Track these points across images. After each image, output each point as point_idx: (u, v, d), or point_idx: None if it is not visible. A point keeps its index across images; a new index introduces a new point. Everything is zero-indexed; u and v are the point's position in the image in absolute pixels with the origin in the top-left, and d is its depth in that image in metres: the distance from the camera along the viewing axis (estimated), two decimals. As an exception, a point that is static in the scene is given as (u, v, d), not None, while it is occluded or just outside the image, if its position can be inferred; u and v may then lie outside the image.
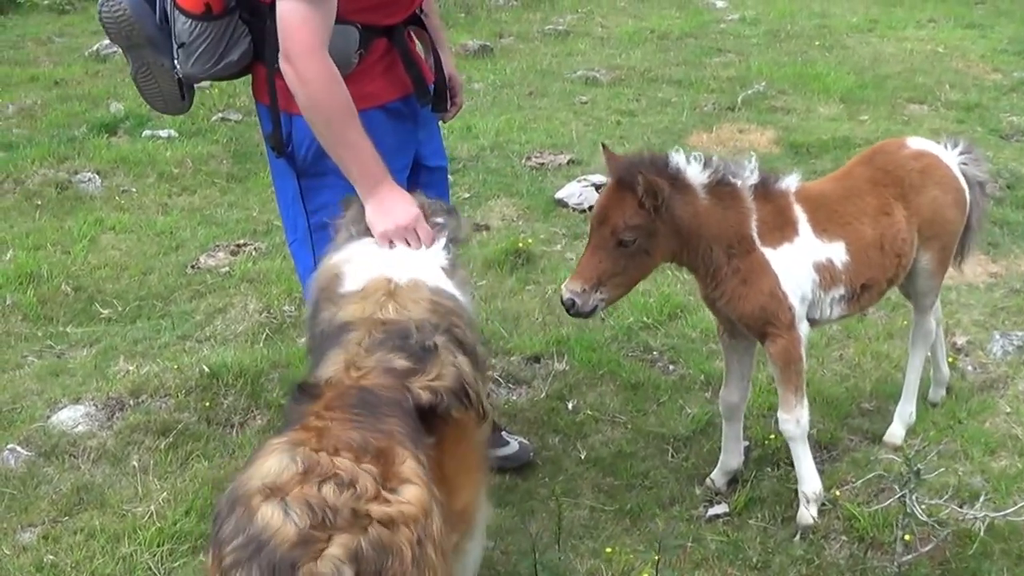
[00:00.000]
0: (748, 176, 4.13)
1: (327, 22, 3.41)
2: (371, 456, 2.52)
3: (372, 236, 3.50)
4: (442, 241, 3.49)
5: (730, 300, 4.13)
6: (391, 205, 3.50)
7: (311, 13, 3.35)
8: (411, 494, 2.49)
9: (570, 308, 3.96)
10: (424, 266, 3.33)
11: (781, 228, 4.17)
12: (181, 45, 3.64)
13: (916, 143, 4.65)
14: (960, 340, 5.75)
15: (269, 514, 2.32)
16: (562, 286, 4.00)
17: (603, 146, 4.13)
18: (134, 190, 7.90)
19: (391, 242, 3.47)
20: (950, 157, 4.63)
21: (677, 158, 4.03)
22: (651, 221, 3.90)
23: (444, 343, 3.05)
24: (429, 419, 2.90)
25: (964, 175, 4.61)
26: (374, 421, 2.69)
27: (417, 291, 3.18)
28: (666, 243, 4.00)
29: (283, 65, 3.43)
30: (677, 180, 3.97)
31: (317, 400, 2.78)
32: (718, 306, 4.24)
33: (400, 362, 2.93)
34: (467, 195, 7.58)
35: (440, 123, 4.34)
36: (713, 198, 4.03)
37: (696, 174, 4.02)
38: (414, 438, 2.74)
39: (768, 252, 4.11)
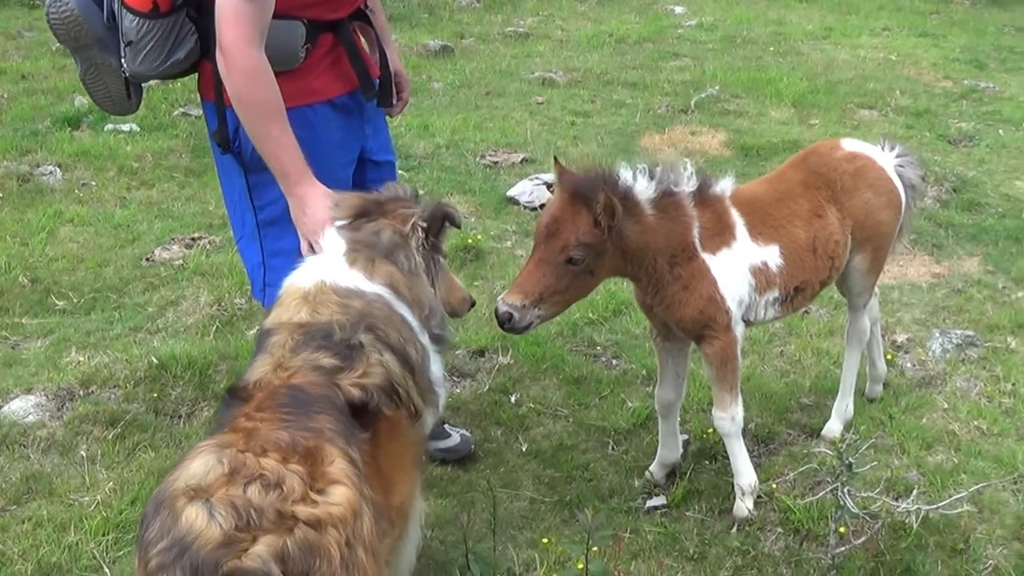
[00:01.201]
0: (687, 183, 4.13)
1: (262, 17, 3.43)
2: (299, 456, 2.52)
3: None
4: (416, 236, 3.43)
5: (670, 306, 4.13)
6: (309, 204, 3.53)
7: (245, 7, 3.37)
8: (339, 495, 2.48)
9: (505, 322, 3.87)
10: (327, 265, 3.29)
11: (720, 233, 4.19)
12: (129, 44, 3.65)
13: (850, 145, 4.66)
14: (901, 338, 5.83)
15: (193, 515, 2.31)
16: (499, 298, 3.92)
17: (555, 159, 4.05)
18: (94, 183, 7.90)
19: (310, 243, 3.51)
20: (885, 159, 4.65)
21: (625, 175, 3.99)
22: (602, 241, 3.85)
23: (370, 341, 3.06)
24: (362, 416, 2.91)
25: (900, 177, 4.65)
26: (305, 420, 2.69)
27: (323, 294, 3.17)
28: (612, 263, 3.97)
29: (217, 57, 3.46)
30: (627, 199, 3.92)
31: (247, 402, 2.78)
32: (656, 311, 4.25)
33: (327, 360, 2.95)
34: (422, 192, 7.59)
35: (388, 118, 4.36)
36: (658, 212, 4.02)
37: (643, 190, 3.99)
38: (346, 435, 2.74)
39: (708, 258, 4.13)
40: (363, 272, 3.25)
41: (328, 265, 3.29)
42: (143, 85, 3.97)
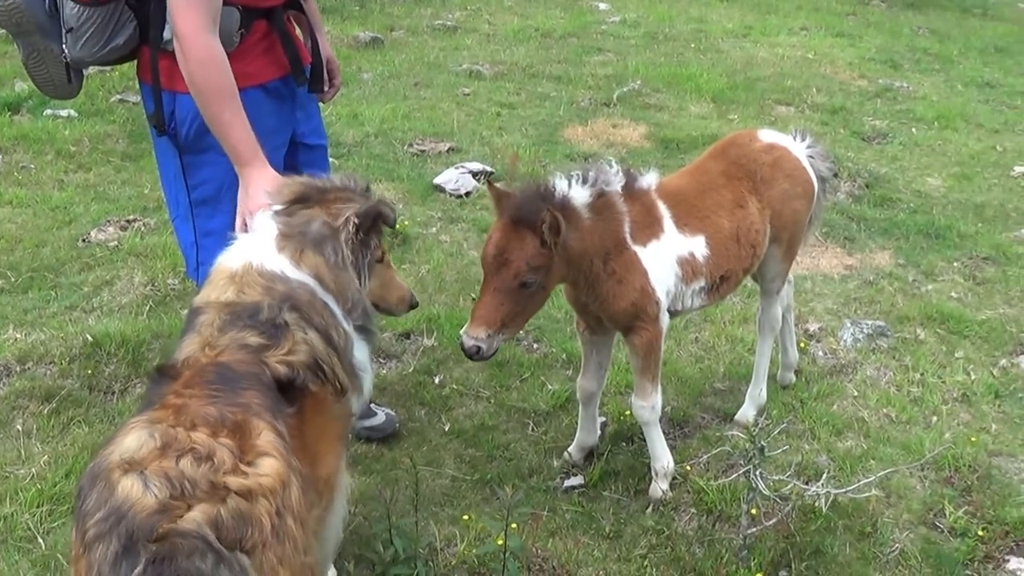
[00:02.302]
0: (616, 180, 4.17)
1: (213, 4, 3.52)
2: (228, 430, 2.56)
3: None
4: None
5: (605, 301, 4.17)
6: (252, 184, 3.60)
7: None
8: (268, 466, 2.52)
9: (474, 355, 3.87)
10: (255, 248, 3.31)
11: (650, 226, 4.24)
12: (69, 30, 3.70)
13: (767, 136, 4.75)
14: (813, 327, 5.97)
15: (129, 486, 2.34)
16: (462, 333, 3.91)
17: (489, 183, 4.04)
18: (32, 167, 7.88)
19: (245, 223, 3.56)
20: (799, 149, 4.77)
21: (561, 184, 4.01)
22: (550, 259, 3.87)
23: (295, 320, 3.10)
24: (288, 392, 2.95)
25: (811, 167, 4.76)
26: (232, 395, 2.73)
27: (249, 275, 3.19)
28: (558, 273, 3.99)
29: (174, 44, 3.53)
30: (566, 209, 3.94)
31: (176, 380, 2.81)
32: (591, 308, 4.29)
33: (253, 338, 2.98)
34: (355, 180, 7.63)
35: (320, 104, 4.40)
36: (593, 214, 4.05)
37: (579, 196, 4.01)
38: (273, 410, 2.78)
39: (639, 250, 4.18)
40: (290, 259, 3.26)
41: (257, 248, 3.30)
42: (84, 71, 4.00)
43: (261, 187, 3.55)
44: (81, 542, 2.34)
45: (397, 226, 6.68)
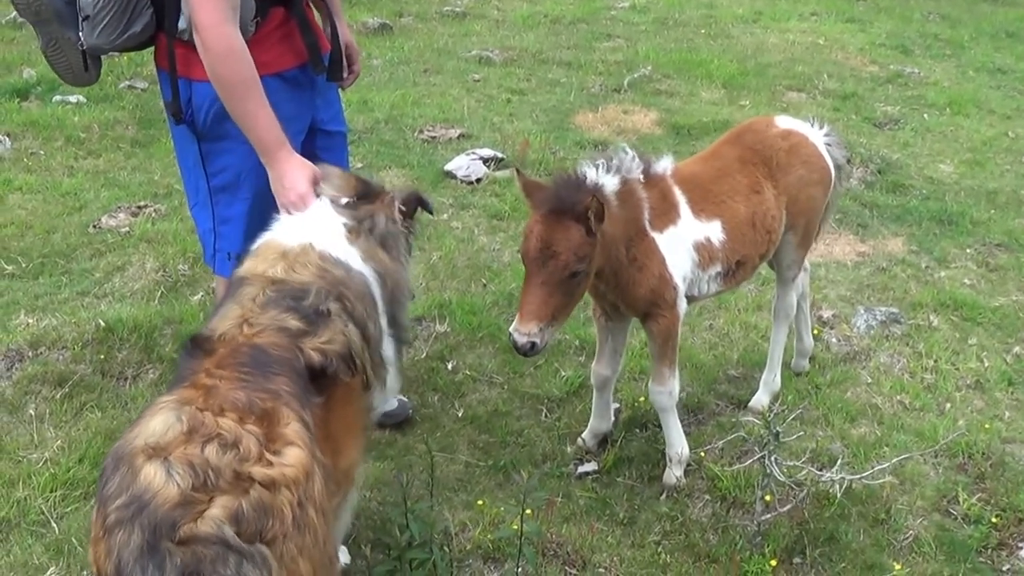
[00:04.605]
0: (635, 167, 4.16)
1: None
2: (256, 417, 2.57)
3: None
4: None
5: (625, 288, 4.16)
6: (287, 175, 3.59)
7: None
8: (293, 456, 2.54)
9: (529, 351, 3.79)
10: (319, 233, 3.34)
11: (667, 212, 4.23)
12: (86, 18, 3.69)
13: (784, 122, 4.75)
14: (826, 314, 5.96)
15: (152, 474, 2.35)
16: (512, 330, 3.82)
17: (517, 173, 3.99)
18: (42, 153, 7.90)
19: (288, 212, 3.56)
20: (817, 136, 4.76)
21: (591, 173, 3.98)
22: (595, 246, 3.83)
23: (338, 310, 3.12)
24: (319, 380, 2.96)
25: (828, 155, 4.75)
26: (262, 380, 2.74)
27: (306, 255, 3.23)
28: (599, 258, 3.94)
29: (194, 35, 3.53)
30: (601, 196, 3.89)
31: (209, 355, 2.82)
32: (609, 296, 4.28)
33: (293, 323, 2.99)
34: (360, 165, 7.62)
35: (340, 91, 4.40)
36: (619, 201, 4.03)
37: (609, 183, 4.00)
38: (301, 398, 2.79)
39: (656, 236, 4.17)
40: (361, 252, 3.32)
41: (322, 233, 3.34)
42: (101, 58, 3.99)
43: (297, 175, 3.58)
44: (102, 525, 2.35)
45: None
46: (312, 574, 2.51)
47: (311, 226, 3.39)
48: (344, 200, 3.50)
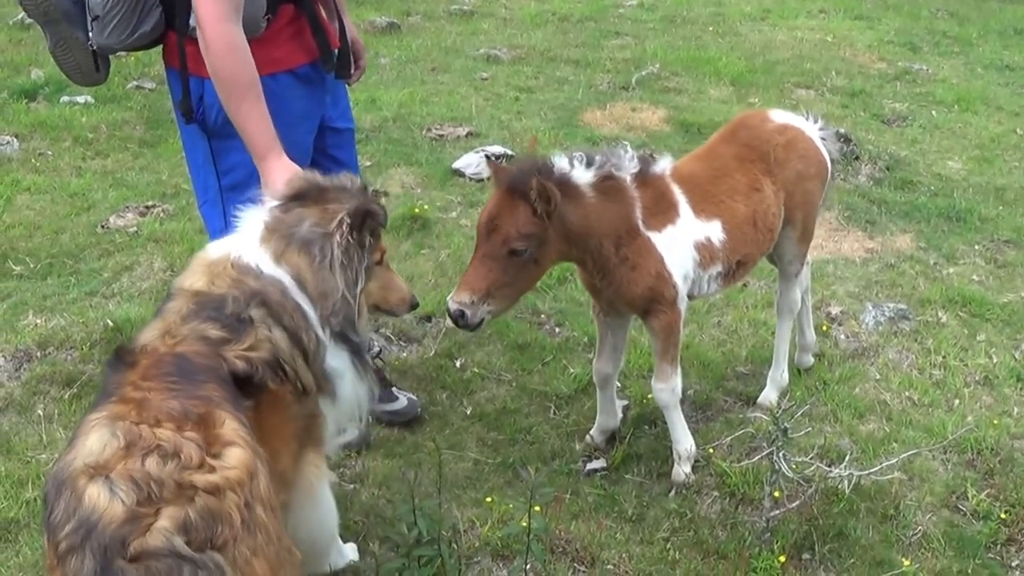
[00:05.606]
0: (629, 166, 4.18)
1: None
2: (192, 423, 2.55)
3: None
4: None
5: (620, 286, 4.19)
6: (270, 177, 3.58)
7: None
8: (235, 457, 2.53)
9: (458, 319, 3.90)
10: (239, 240, 3.29)
11: (664, 211, 4.24)
12: (95, 18, 3.70)
13: (779, 116, 4.75)
14: (834, 310, 5.96)
15: (95, 494, 2.33)
16: (448, 298, 3.94)
17: (487, 159, 4.09)
18: (50, 153, 7.91)
19: None
20: (812, 130, 4.76)
21: (560, 162, 4.02)
22: (543, 229, 3.88)
23: (261, 316, 3.09)
24: (246, 388, 2.94)
25: (824, 149, 4.76)
26: (192, 388, 2.72)
27: (223, 266, 3.18)
28: (555, 249, 4.00)
29: (197, 31, 3.53)
30: (565, 184, 3.95)
31: (132, 368, 2.79)
32: (605, 293, 4.31)
33: (214, 332, 2.97)
34: (368, 163, 7.64)
35: (347, 87, 4.41)
36: (600, 195, 4.05)
37: (581, 175, 4.03)
38: (232, 402, 2.78)
39: (653, 235, 4.18)
40: (271, 254, 3.24)
41: (240, 240, 3.29)
42: (110, 57, 4.00)
43: (279, 177, 3.54)
44: (55, 553, 2.34)
45: (417, 210, 6.72)
46: (269, 572, 2.50)
47: (237, 234, 3.35)
48: (274, 202, 3.40)
